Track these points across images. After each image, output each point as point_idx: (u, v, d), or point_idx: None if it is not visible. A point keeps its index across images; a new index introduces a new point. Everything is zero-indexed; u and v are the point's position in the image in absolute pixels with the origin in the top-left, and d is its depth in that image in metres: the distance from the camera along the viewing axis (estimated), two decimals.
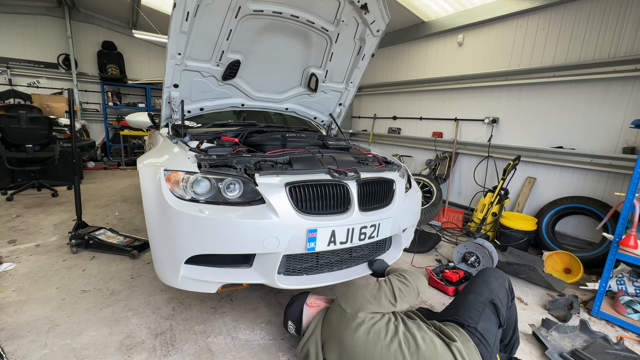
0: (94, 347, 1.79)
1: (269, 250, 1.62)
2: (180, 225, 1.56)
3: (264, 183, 1.68)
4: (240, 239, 1.59)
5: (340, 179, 1.82)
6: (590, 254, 3.16)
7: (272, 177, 1.71)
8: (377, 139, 6.40)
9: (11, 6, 6.53)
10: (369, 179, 1.96)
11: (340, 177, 1.84)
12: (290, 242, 1.65)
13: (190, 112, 2.75)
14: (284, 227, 1.62)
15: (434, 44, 5.18)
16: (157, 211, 1.63)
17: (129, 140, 7.87)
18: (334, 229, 1.74)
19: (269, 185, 1.68)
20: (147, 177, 1.72)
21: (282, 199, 1.65)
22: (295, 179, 1.73)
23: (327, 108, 3.33)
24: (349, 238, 1.81)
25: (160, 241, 1.67)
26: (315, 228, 1.68)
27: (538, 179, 3.92)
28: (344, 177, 1.85)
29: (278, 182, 1.70)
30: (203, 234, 1.56)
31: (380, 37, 2.67)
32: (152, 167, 1.73)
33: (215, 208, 1.60)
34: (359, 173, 1.94)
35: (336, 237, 1.76)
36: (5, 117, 4.44)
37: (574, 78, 3.47)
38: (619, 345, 2.00)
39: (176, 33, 2.08)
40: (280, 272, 1.76)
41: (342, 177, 1.84)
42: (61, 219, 3.74)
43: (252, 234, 1.59)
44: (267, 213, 1.62)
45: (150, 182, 1.69)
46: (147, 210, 1.69)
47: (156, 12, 6.52)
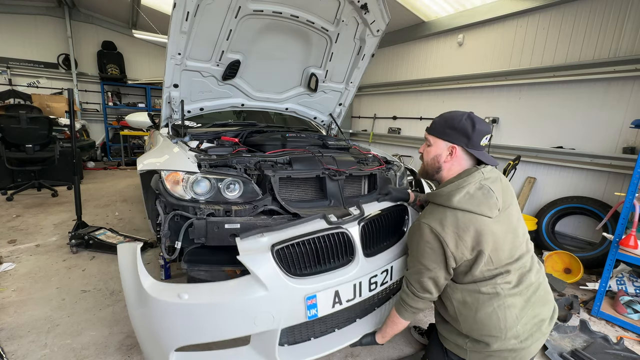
0: (94, 347, 1.79)
1: (262, 329, 1.38)
2: (159, 316, 1.34)
3: (247, 249, 1.41)
4: (226, 323, 1.36)
5: (338, 224, 1.54)
6: (590, 254, 3.16)
7: (255, 239, 1.46)
8: (377, 139, 6.40)
9: (11, 6, 6.52)
10: (375, 216, 1.68)
11: (339, 222, 1.55)
12: (287, 314, 1.40)
13: (190, 112, 2.74)
14: (275, 300, 1.37)
15: (434, 44, 5.18)
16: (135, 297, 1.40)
17: (129, 140, 7.87)
18: (337, 289, 1.49)
19: (252, 251, 1.41)
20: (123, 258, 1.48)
21: (270, 265, 1.38)
22: (282, 237, 1.46)
23: (327, 108, 3.33)
24: (357, 293, 1.56)
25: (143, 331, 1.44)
26: (313, 294, 1.44)
27: (538, 179, 3.91)
28: (342, 221, 1.57)
29: (263, 244, 1.43)
30: (184, 322, 1.33)
31: (380, 37, 2.67)
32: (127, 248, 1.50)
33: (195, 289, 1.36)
34: (362, 209, 1.67)
35: (341, 297, 1.51)
36: (5, 117, 4.45)
37: (574, 78, 3.47)
38: (619, 345, 2.00)
39: (176, 33, 2.08)
40: (282, 344, 1.53)
41: (340, 222, 1.56)
42: (61, 219, 3.74)
43: (240, 314, 1.35)
44: (253, 287, 1.35)
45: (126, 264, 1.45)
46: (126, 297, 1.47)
47: (156, 12, 6.52)
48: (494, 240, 1.24)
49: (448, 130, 1.36)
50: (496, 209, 1.26)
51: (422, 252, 1.31)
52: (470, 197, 1.26)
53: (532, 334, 1.27)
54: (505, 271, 1.26)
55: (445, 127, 1.37)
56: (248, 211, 1.71)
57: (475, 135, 1.32)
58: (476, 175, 1.30)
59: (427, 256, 1.30)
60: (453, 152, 1.35)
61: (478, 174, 1.31)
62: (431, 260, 1.30)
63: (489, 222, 1.24)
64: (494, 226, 1.25)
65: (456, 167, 1.38)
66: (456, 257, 1.25)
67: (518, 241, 1.31)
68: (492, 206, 1.25)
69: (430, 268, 1.31)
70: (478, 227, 1.23)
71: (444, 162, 1.38)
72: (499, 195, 1.28)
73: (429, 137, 1.43)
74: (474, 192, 1.27)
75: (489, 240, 1.23)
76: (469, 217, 1.24)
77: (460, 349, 1.35)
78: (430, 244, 1.28)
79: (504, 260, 1.27)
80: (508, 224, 1.30)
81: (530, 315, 1.27)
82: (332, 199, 1.95)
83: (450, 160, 1.37)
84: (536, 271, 1.34)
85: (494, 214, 1.25)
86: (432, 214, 1.31)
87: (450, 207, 1.27)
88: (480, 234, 1.23)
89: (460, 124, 1.33)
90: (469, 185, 1.28)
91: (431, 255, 1.29)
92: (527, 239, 1.38)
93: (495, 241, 1.24)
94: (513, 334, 1.23)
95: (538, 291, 1.31)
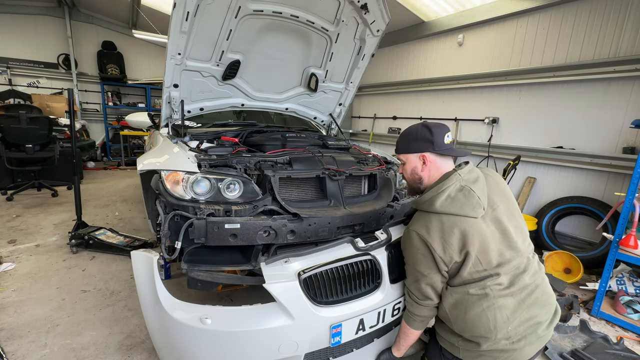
0: (94, 347, 1.79)
1: (286, 355, 1.38)
2: (180, 338, 1.33)
3: (273, 276, 1.37)
4: (250, 350, 1.35)
5: (366, 250, 1.50)
6: (590, 254, 3.16)
7: (281, 266, 1.41)
8: (377, 139, 6.40)
9: (11, 6, 6.52)
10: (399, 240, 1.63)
11: (367, 248, 1.51)
12: (310, 341, 1.40)
13: (190, 112, 2.74)
14: (301, 329, 1.35)
15: (434, 44, 5.18)
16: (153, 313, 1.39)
17: (129, 140, 7.87)
18: (362, 317, 1.46)
19: (279, 279, 1.36)
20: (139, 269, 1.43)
21: (297, 294, 1.35)
22: (309, 263, 1.42)
23: (327, 108, 3.33)
24: (380, 320, 1.53)
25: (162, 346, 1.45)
26: (339, 323, 1.42)
27: (538, 179, 3.91)
28: (370, 247, 1.51)
29: (290, 271, 1.39)
30: (207, 347, 1.33)
31: (380, 37, 2.67)
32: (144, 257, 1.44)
33: (219, 314, 1.34)
34: (390, 233, 1.60)
35: (365, 324, 1.50)
36: (5, 117, 4.45)
37: (574, 78, 3.47)
38: (619, 345, 2.00)
39: (176, 33, 2.08)
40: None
41: (368, 248, 1.51)
42: (61, 219, 3.74)
43: (265, 343, 1.34)
44: (280, 316, 1.33)
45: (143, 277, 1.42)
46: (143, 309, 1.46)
47: (156, 12, 6.52)
48: (480, 241, 1.25)
49: (411, 143, 1.43)
50: (480, 209, 1.27)
51: (415, 259, 1.34)
52: (452, 200, 1.28)
53: (526, 335, 1.26)
54: (495, 273, 1.26)
55: (408, 141, 1.44)
56: (248, 211, 1.71)
57: (436, 137, 1.38)
58: (454, 177, 1.33)
59: (420, 262, 1.33)
60: (425, 159, 1.41)
61: (455, 176, 1.34)
62: (425, 265, 1.32)
63: (475, 223, 1.26)
64: (480, 226, 1.26)
65: (435, 173, 1.42)
66: (445, 261, 1.28)
67: (509, 241, 1.31)
68: (475, 206, 1.27)
69: (425, 274, 1.33)
70: (463, 228, 1.25)
71: (422, 172, 1.43)
72: (481, 194, 1.29)
73: (400, 156, 1.49)
74: (455, 195, 1.29)
75: (475, 242, 1.24)
76: (452, 219, 1.26)
77: (454, 347, 1.37)
78: (421, 250, 1.31)
79: (494, 261, 1.26)
80: (497, 223, 1.31)
81: (524, 317, 1.26)
82: (332, 199, 1.95)
83: (426, 168, 1.42)
84: (533, 273, 1.33)
85: (478, 213, 1.27)
86: (419, 221, 1.35)
87: (434, 212, 1.30)
88: (465, 236, 1.24)
89: (419, 134, 1.41)
90: (448, 188, 1.30)
91: (423, 261, 1.32)
92: (524, 239, 1.38)
93: (482, 242, 1.25)
94: (504, 334, 1.24)
95: (534, 293, 1.30)
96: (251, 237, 1.65)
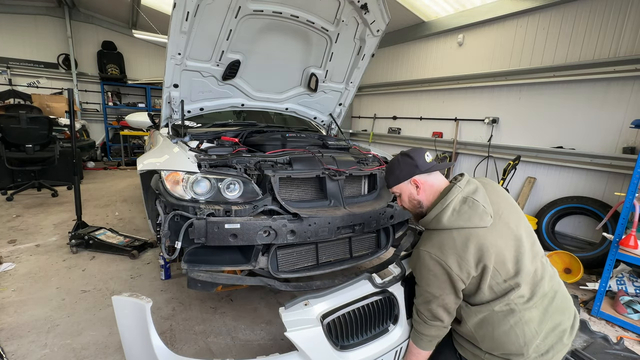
0: (94, 347, 1.79)
1: None
2: None
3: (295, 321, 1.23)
4: None
5: (384, 287, 1.43)
6: (590, 254, 3.16)
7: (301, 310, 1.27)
8: (377, 139, 6.40)
9: (11, 6, 6.53)
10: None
11: (384, 284, 1.44)
12: None
13: (190, 112, 2.75)
14: None
15: (434, 44, 5.18)
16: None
17: (129, 140, 7.87)
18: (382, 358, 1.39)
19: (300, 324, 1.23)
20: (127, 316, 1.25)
21: (320, 340, 1.24)
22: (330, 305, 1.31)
23: (327, 108, 3.33)
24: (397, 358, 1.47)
25: None
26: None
27: (538, 179, 3.91)
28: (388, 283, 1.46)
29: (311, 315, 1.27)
30: None
31: (380, 37, 2.67)
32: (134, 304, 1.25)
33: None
34: (403, 266, 1.56)
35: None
36: (5, 117, 4.45)
37: (574, 78, 3.47)
38: (619, 345, 2.00)
39: (176, 33, 2.08)
40: None
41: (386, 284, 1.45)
42: (61, 219, 3.74)
43: None
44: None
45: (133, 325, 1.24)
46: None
47: (156, 12, 6.52)
48: (496, 251, 1.22)
49: (398, 173, 1.45)
50: (488, 217, 1.25)
51: (427, 280, 1.29)
52: (458, 213, 1.26)
53: (553, 346, 1.24)
54: (515, 285, 1.23)
55: (395, 173, 1.46)
56: (248, 211, 1.71)
57: (417, 160, 1.40)
58: (454, 190, 1.31)
59: (432, 283, 1.28)
60: (416, 183, 1.41)
61: (455, 189, 1.32)
62: (437, 287, 1.27)
63: (486, 233, 1.23)
64: (492, 235, 1.23)
65: (431, 191, 1.41)
66: (462, 278, 1.23)
67: (523, 247, 1.28)
68: (482, 215, 1.25)
69: (437, 295, 1.27)
70: (476, 241, 1.22)
71: (419, 195, 1.43)
72: (485, 203, 1.27)
73: (394, 189, 1.50)
74: (460, 207, 1.27)
75: (490, 252, 1.21)
76: (464, 233, 1.23)
77: (478, 359, 1.32)
78: (433, 271, 1.26)
79: (511, 270, 1.24)
80: (507, 230, 1.28)
81: (549, 327, 1.24)
82: (332, 199, 1.95)
83: (421, 191, 1.42)
84: (549, 278, 1.31)
85: (487, 222, 1.24)
86: (429, 240, 1.31)
87: (443, 228, 1.27)
88: (480, 248, 1.21)
89: (401, 163, 1.44)
90: (452, 202, 1.28)
91: (435, 282, 1.27)
92: (534, 241, 1.34)
93: (498, 252, 1.22)
94: (534, 349, 1.21)
95: (555, 300, 1.28)
96: (251, 237, 1.65)
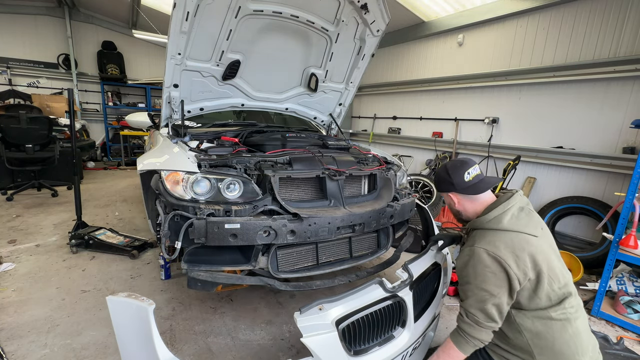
0: (94, 347, 1.79)
1: None
2: None
3: (310, 326, 1.21)
4: None
5: (394, 291, 1.44)
6: (590, 254, 3.16)
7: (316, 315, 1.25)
8: (377, 139, 6.40)
9: (11, 6, 6.52)
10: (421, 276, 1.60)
11: (395, 289, 1.46)
12: None
13: (190, 112, 2.74)
14: None
15: (434, 44, 5.18)
16: None
17: (129, 140, 7.87)
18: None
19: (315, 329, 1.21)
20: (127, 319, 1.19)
21: (335, 345, 1.22)
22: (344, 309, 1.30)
23: (327, 108, 3.33)
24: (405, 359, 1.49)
25: None
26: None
27: (538, 179, 3.91)
28: (398, 288, 1.47)
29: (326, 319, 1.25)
30: None
31: (380, 37, 2.67)
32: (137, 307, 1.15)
33: None
34: (411, 272, 1.57)
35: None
36: (5, 117, 4.44)
37: (574, 78, 3.47)
38: (619, 345, 2.00)
39: (176, 33, 2.08)
40: None
41: (396, 289, 1.46)
42: (61, 219, 3.74)
43: None
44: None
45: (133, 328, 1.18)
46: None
47: (156, 12, 6.52)
48: (547, 259, 1.25)
49: (440, 184, 1.51)
50: (539, 228, 1.31)
51: (483, 278, 1.26)
52: (517, 219, 1.31)
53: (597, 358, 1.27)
54: (568, 293, 1.26)
55: (439, 182, 1.52)
56: (248, 211, 1.71)
57: (455, 178, 1.42)
58: (516, 197, 1.37)
59: (489, 281, 1.25)
60: (454, 197, 1.47)
61: (517, 195, 1.38)
62: (494, 285, 1.25)
63: (537, 242, 1.27)
64: (542, 245, 1.27)
65: (471, 206, 1.45)
66: (519, 278, 1.22)
67: (561, 261, 1.33)
68: (536, 225, 1.31)
69: (494, 294, 1.24)
70: (530, 247, 1.25)
71: (457, 207, 1.49)
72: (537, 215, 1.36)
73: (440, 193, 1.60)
74: (518, 214, 1.33)
75: (542, 259, 1.24)
76: (520, 237, 1.26)
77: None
78: (490, 268, 1.24)
79: (562, 280, 1.27)
80: (550, 242, 1.34)
81: (594, 340, 1.28)
82: (332, 199, 1.95)
83: (460, 205, 1.47)
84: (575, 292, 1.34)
85: (539, 233, 1.29)
86: (484, 238, 1.30)
87: (501, 229, 1.29)
88: (533, 254, 1.24)
89: (441, 176, 1.49)
90: (512, 207, 1.34)
91: (493, 280, 1.24)
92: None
93: (548, 260, 1.26)
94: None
95: (586, 314, 1.32)
96: (251, 237, 1.65)
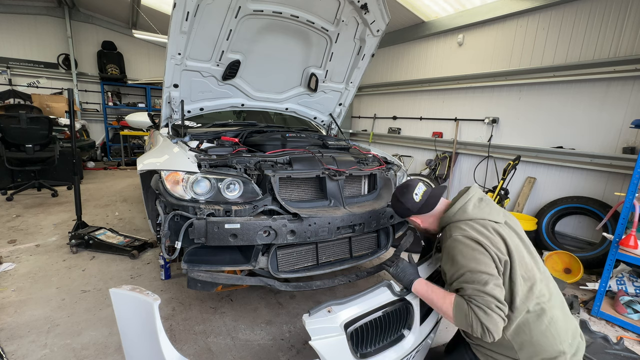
0: (94, 347, 1.79)
1: None
2: None
3: (319, 329, 1.19)
4: None
5: (402, 295, 1.43)
6: (590, 254, 3.16)
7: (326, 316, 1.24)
8: (377, 139, 6.40)
9: (11, 6, 6.52)
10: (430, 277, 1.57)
11: (403, 293, 1.43)
12: None
13: (190, 112, 2.75)
14: None
15: (434, 44, 5.18)
16: None
17: (129, 140, 7.86)
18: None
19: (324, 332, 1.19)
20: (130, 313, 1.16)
21: (343, 349, 1.21)
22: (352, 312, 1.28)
23: (327, 108, 3.33)
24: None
25: None
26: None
27: (538, 179, 3.91)
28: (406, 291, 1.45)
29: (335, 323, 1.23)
30: None
31: (380, 37, 2.67)
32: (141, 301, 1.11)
33: None
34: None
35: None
36: (5, 117, 4.44)
37: (574, 78, 3.47)
38: (619, 345, 2.00)
39: (176, 33, 2.08)
40: None
41: (405, 292, 1.44)
42: (61, 219, 3.74)
43: None
44: None
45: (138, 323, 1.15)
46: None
47: (156, 12, 6.52)
48: (514, 243, 1.28)
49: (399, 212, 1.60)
50: (501, 215, 1.36)
51: (476, 260, 1.22)
52: (479, 208, 1.37)
53: (579, 347, 1.27)
54: (534, 279, 1.26)
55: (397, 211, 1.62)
56: (248, 211, 1.71)
57: (407, 202, 1.50)
58: (472, 189, 1.44)
59: (481, 261, 1.21)
60: (416, 219, 1.55)
61: (473, 188, 1.45)
62: (485, 265, 1.22)
63: (502, 228, 1.31)
64: (506, 232, 1.31)
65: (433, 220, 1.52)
66: (499, 256, 1.23)
67: (529, 247, 1.36)
68: (498, 212, 1.37)
69: (491, 273, 1.20)
70: (499, 229, 1.30)
71: (423, 225, 1.55)
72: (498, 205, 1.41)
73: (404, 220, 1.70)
74: (479, 204, 1.39)
75: (510, 243, 1.27)
76: (487, 223, 1.32)
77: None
78: (477, 250, 1.24)
79: (529, 264, 1.28)
80: (514, 230, 1.37)
81: (571, 326, 1.28)
82: (332, 199, 1.95)
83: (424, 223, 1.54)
84: (551, 280, 1.35)
85: (501, 219, 1.35)
86: (458, 229, 1.33)
87: (469, 218, 1.35)
88: (504, 237, 1.28)
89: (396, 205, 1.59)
90: (472, 197, 1.40)
91: (483, 259, 1.22)
92: (532, 246, 1.41)
93: (515, 245, 1.29)
94: (568, 348, 1.22)
95: (562, 300, 1.33)
96: (251, 237, 1.65)
